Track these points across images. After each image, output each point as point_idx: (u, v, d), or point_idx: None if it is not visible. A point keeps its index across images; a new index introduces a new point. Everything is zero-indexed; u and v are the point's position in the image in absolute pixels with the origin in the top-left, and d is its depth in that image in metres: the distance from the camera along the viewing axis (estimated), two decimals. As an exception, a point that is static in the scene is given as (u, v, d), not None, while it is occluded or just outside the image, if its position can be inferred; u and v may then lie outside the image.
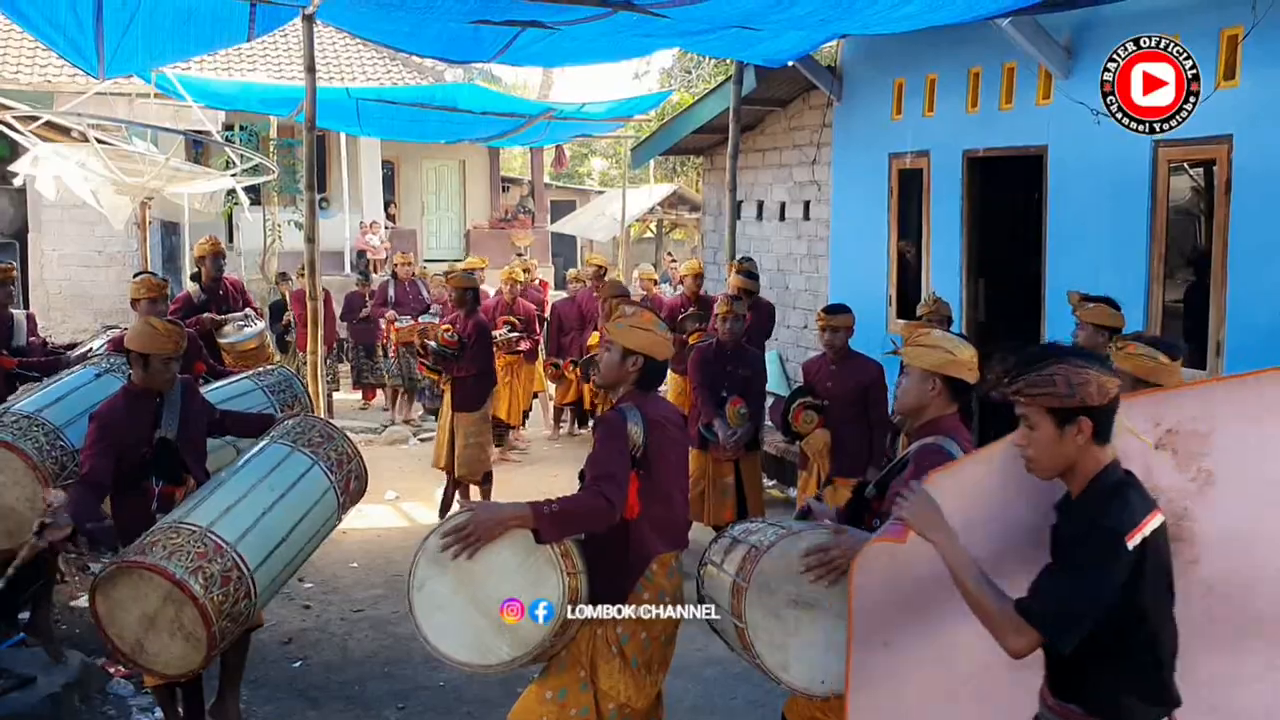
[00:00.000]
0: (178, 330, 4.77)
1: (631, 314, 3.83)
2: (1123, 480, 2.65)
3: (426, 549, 3.50)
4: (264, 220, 17.18)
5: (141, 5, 7.21)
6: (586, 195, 29.05)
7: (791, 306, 10.80)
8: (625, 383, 3.78)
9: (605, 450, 3.61)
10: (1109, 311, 5.56)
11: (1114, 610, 2.52)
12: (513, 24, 7.56)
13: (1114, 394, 2.66)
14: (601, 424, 3.73)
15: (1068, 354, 2.70)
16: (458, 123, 13.25)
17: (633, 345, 3.74)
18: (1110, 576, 2.49)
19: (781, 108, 10.85)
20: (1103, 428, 2.64)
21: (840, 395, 6.47)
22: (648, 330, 3.77)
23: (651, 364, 3.78)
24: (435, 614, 3.48)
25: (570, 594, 3.47)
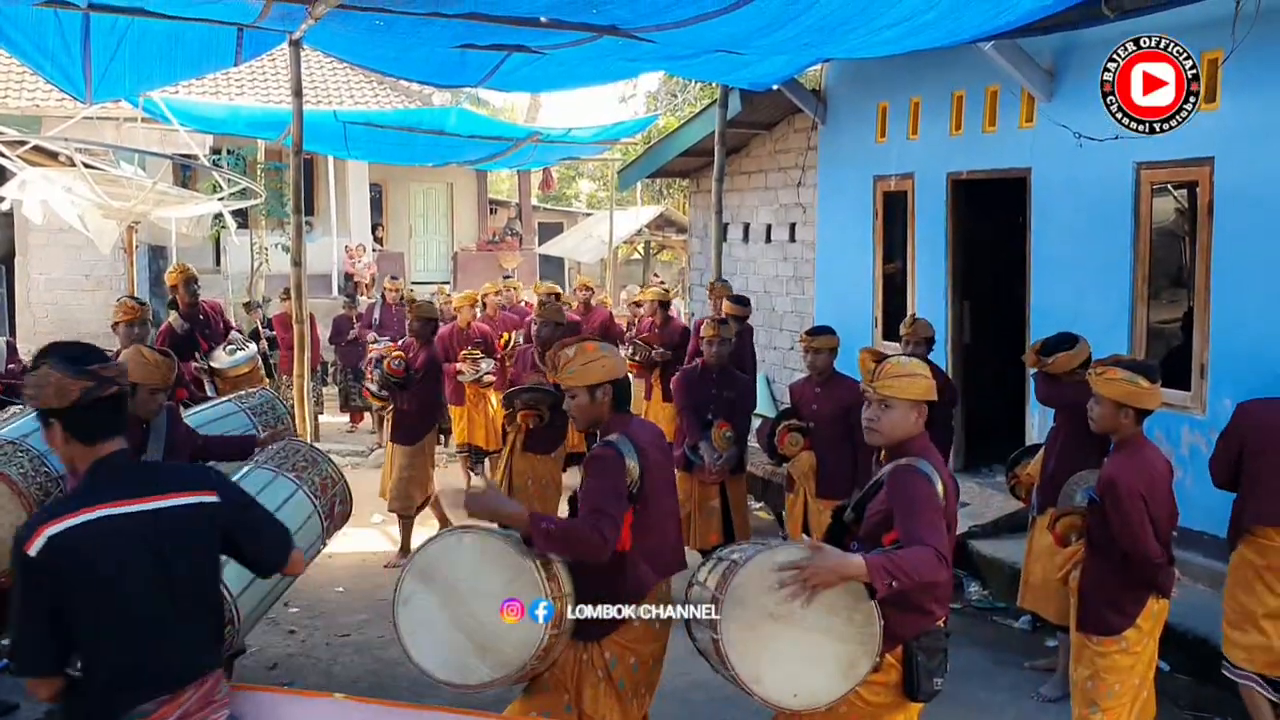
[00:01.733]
0: (167, 362, 4.78)
1: (574, 354, 3.78)
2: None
3: (414, 565, 3.52)
4: (251, 243, 17.17)
5: (129, 30, 7.24)
6: (574, 217, 29.11)
7: (778, 328, 10.85)
8: (604, 416, 3.78)
9: (600, 486, 3.59)
10: (1070, 354, 5.59)
11: None
12: (499, 48, 7.59)
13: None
14: (597, 461, 3.67)
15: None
16: (445, 146, 13.27)
17: (595, 379, 3.73)
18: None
19: (767, 131, 10.92)
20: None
21: (825, 417, 6.47)
22: (600, 358, 3.75)
23: (619, 385, 3.79)
24: (418, 630, 3.48)
25: (555, 619, 3.47)
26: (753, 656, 3.29)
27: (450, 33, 6.94)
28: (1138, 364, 4.40)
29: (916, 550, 3.19)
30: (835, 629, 3.25)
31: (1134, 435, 4.24)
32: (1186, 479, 6.41)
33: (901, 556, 3.17)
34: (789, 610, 3.23)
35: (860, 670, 3.26)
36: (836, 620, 3.24)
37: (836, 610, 3.24)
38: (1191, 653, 5.82)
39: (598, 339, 3.92)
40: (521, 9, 6.10)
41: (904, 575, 3.13)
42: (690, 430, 6.77)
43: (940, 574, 3.24)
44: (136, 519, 2.75)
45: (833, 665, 3.26)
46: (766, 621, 3.28)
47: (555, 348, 3.88)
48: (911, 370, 3.58)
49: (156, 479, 2.94)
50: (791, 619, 3.25)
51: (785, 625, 3.26)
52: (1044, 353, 5.71)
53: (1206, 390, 6.55)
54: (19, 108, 16.19)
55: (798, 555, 3.23)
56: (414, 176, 23.35)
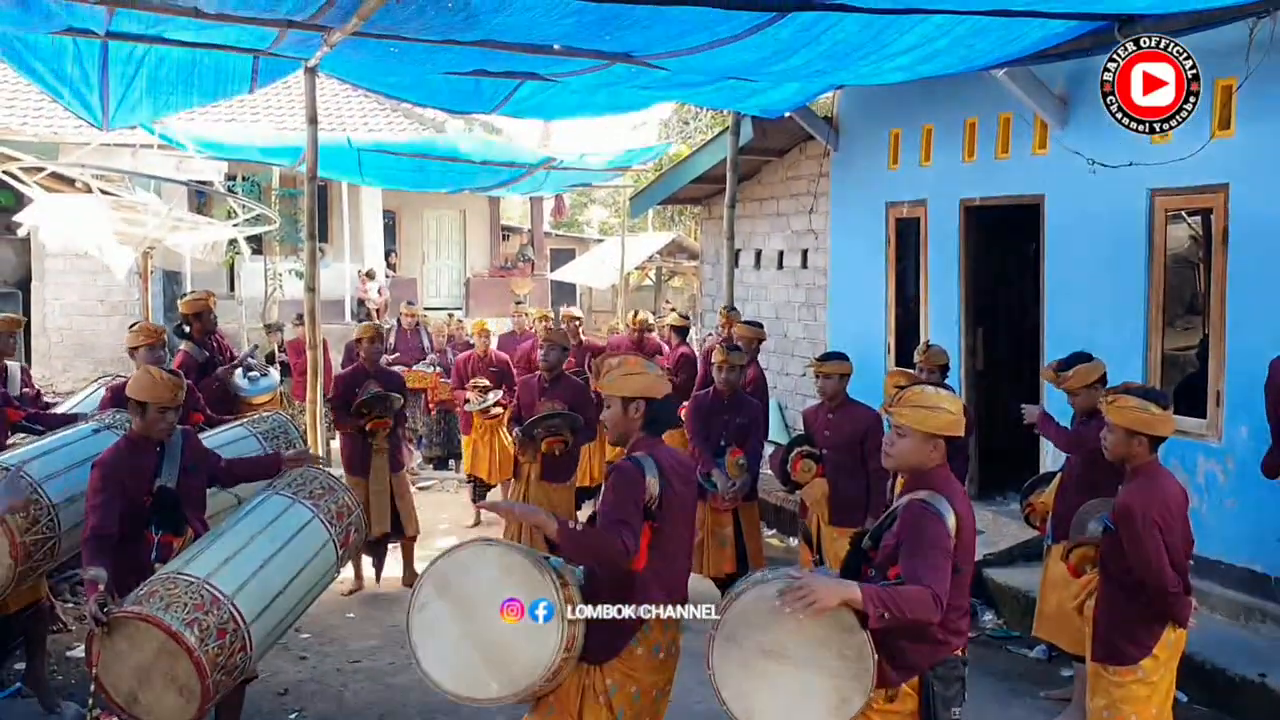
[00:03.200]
0: (175, 381, 4.77)
1: (618, 364, 3.85)
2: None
3: (433, 573, 3.56)
4: (265, 269, 17.25)
5: (146, 58, 7.29)
6: (586, 244, 29.18)
7: (790, 355, 10.83)
8: (634, 432, 3.79)
9: (619, 498, 3.61)
10: (1088, 367, 5.58)
11: None
12: (512, 75, 7.63)
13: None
14: (617, 472, 3.70)
15: None
16: (458, 172, 13.34)
17: (630, 392, 3.75)
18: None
19: (779, 157, 10.94)
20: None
21: (838, 443, 6.45)
22: (639, 374, 3.79)
23: (654, 405, 3.79)
24: (430, 639, 3.52)
25: (568, 640, 3.47)
26: (746, 693, 3.29)
27: (464, 60, 6.99)
28: (1149, 391, 4.38)
29: (914, 589, 3.20)
30: (827, 664, 3.23)
31: (1149, 463, 4.21)
32: (1202, 506, 6.38)
33: (898, 591, 3.19)
34: (781, 646, 3.23)
35: (853, 705, 3.24)
36: (828, 655, 3.23)
37: (828, 644, 3.22)
38: (1210, 684, 5.76)
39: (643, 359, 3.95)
40: (535, 36, 6.14)
41: (896, 609, 3.13)
42: (702, 458, 6.74)
43: (933, 615, 3.23)
44: None
45: (825, 701, 3.25)
46: (759, 658, 3.27)
47: (602, 357, 3.93)
48: (933, 402, 3.53)
49: None
50: (784, 655, 3.24)
51: (777, 662, 3.25)
52: (1061, 368, 5.70)
53: (1222, 418, 6.51)
54: (36, 135, 16.34)
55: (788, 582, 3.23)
56: (427, 203, 23.46)
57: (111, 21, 6.19)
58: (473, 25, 5.54)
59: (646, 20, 5.43)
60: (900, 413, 3.53)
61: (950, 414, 3.51)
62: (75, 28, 6.32)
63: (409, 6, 4.80)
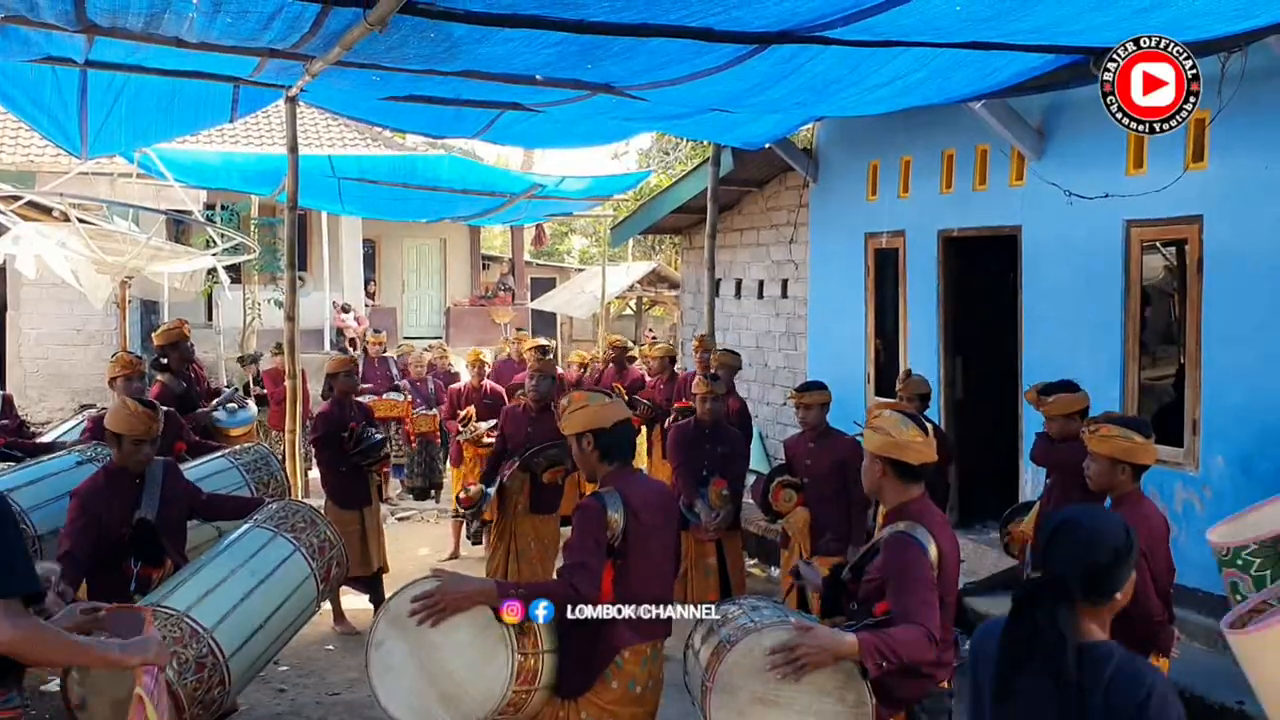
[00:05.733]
0: (150, 414, 4.73)
1: (565, 404, 3.88)
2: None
3: (389, 609, 3.58)
4: (244, 298, 17.18)
5: (126, 87, 7.26)
6: (566, 273, 29.22)
7: (770, 384, 10.85)
8: (597, 466, 3.81)
9: (580, 539, 3.62)
10: (1071, 398, 5.64)
11: None
12: (494, 105, 7.65)
13: None
14: (580, 511, 3.71)
15: None
16: (439, 201, 13.30)
17: (577, 428, 3.78)
18: None
19: (759, 188, 11.01)
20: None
21: (819, 473, 6.46)
22: (581, 408, 3.80)
23: (602, 435, 3.78)
24: (387, 674, 3.53)
25: (521, 673, 3.48)
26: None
27: (445, 89, 7.00)
28: (1130, 420, 4.42)
29: (908, 629, 3.19)
30: (826, 711, 3.20)
31: (1132, 492, 4.23)
32: (1180, 535, 6.39)
33: (893, 636, 3.16)
34: (778, 694, 3.20)
35: None
36: (827, 702, 3.21)
37: (827, 692, 3.20)
38: (1189, 711, 5.74)
39: (589, 390, 3.96)
40: (516, 66, 6.16)
41: (894, 655, 3.13)
42: (685, 488, 6.72)
43: (929, 654, 3.23)
44: None
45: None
46: (755, 707, 3.24)
47: (562, 400, 3.93)
48: (878, 424, 3.55)
49: None
50: (781, 703, 3.21)
51: (775, 710, 3.22)
52: (1044, 392, 5.75)
53: (1199, 447, 6.56)
54: (14, 163, 16.25)
55: (786, 637, 3.20)
56: (407, 232, 23.46)
57: (91, 50, 6.17)
58: (454, 55, 5.56)
59: (627, 51, 5.45)
60: (865, 436, 3.60)
61: (888, 436, 3.49)
62: (54, 56, 6.30)
63: (391, 36, 4.81)
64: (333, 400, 7.89)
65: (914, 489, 3.54)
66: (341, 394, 7.81)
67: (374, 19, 4.27)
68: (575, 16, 4.55)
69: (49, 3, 4.65)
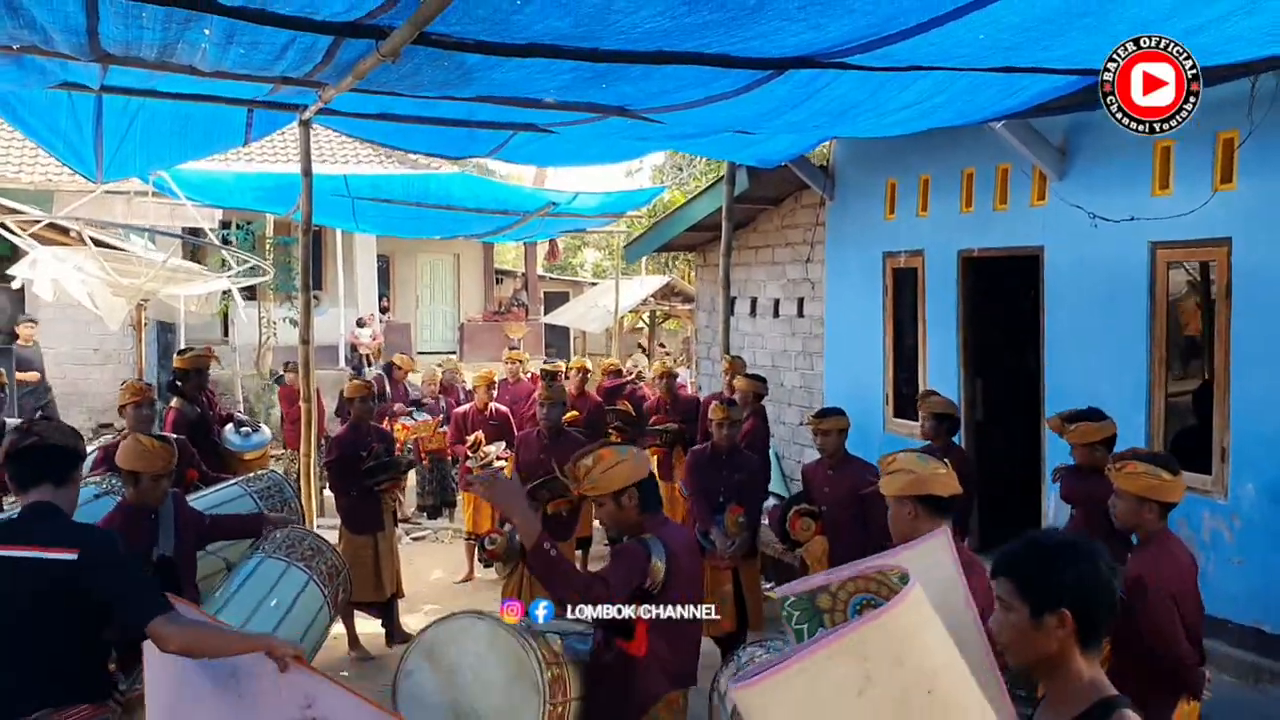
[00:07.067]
0: (166, 448, 4.71)
1: (593, 464, 3.76)
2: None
3: (424, 641, 3.57)
4: (259, 316, 17.18)
5: (140, 111, 7.25)
6: (580, 287, 29.18)
7: (786, 404, 10.75)
8: (633, 520, 3.73)
9: (616, 568, 3.58)
10: (1094, 426, 5.55)
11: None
12: (507, 126, 7.61)
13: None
14: (623, 553, 3.65)
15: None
16: (453, 219, 13.29)
17: (617, 486, 3.69)
18: None
19: (774, 206, 10.93)
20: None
21: (838, 500, 6.35)
22: (618, 464, 3.72)
23: (643, 486, 3.74)
24: (415, 706, 3.51)
25: (551, 715, 3.40)
26: None
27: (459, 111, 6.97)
28: (1157, 456, 4.31)
29: None
30: None
31: (1159, 530, 4.13)
32: (1208, 565, 6.28)
33: None
34: None
35: None
36: None
37: None
38: (1221, 747, 5.63)
39: (614, 445, 3.89)
40: (531, 90, 6.11)
41: None
42: (701, 515, 6.64)
43: None
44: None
45: None
46: None
47: (573, 460, 3.85)
48: (895, 466, 3.54)
49: (28, 531, 3.28)
50: None
51: None
52: (1069, 420, 5.65)
53: (1228, 474, 6.43)
54: (32, 183, 16.31)
55: None
56: (421, 248, 23.46)
57: (106, 77, 6.16)
58: (469, 81, 5.51)
59: (642, 76, 5.39)
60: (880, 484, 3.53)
61: (907, 473, 3.49)
62: (70, 82, 6.30)
63: (404, 65, 4.76)
64: (349, 425, 7.84)
65: (943, 527, 3.47)
66: (358, 418, 7.75)
67: (386, 50, 4.22)
68: (590, 46, 4.49)
69: (63, 36, 4.62)
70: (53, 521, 3.35)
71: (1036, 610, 2.22)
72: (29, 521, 3.35)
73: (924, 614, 2.15)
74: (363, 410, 7.75)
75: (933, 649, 2.14)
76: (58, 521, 3.37)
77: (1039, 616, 2.21)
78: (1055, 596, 2.20)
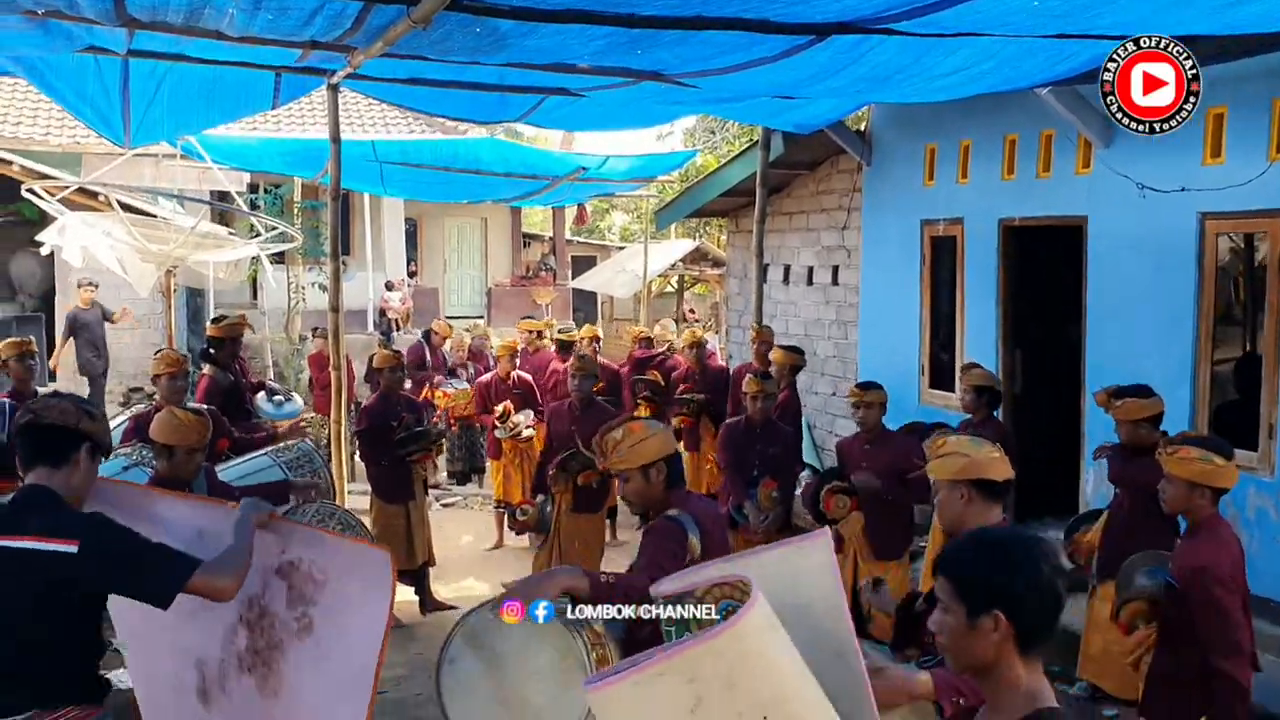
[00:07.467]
0: (200, 421, 4.68)
1: (622, 437, 3.72)
2: None
3: (466, 626, 3.46)
4: (288, 281, 17.18)
5: (168, 76, 7.18)
6: (607, 251, 29.03)
7: (819, 373, 10.60)
8: (660, 496, 3.70)
9: (659, 549, 3.55)
10: (1141, 403, 5.42)
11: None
12: (538, 91, 7.49)
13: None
14: (658, 533, 3.62)
15: None
16: (481, 184, 13.18)
17: (646, 460, 3.66)
18: None
19: (809, 171, 10.73)
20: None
21: (876, 474, 6.26)
22: (646, 438, 3.69)
23: (670, 461, 3.72)
24: (459, 693, 3.42)
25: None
26: None
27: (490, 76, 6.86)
28: (1209, 441, 4.20)
29: None
30: None
31: (1210, 516, 4.01)
32: (1254, 544, 6.14)
33: None
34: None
35: None
36: None
37: None
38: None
39: (642, 419, 3.82)
40: (564, 56, 5.98)
41: (972, 693, 2.95)
42: (734, 489, 6.57)
43: None
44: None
45: None
46: None
47: (600, 433, 3.78)
48: (947, 449, 3.46)
49: (25, 521, 3.05)
50: None
51: None
52: (1115, 396, 5.52)
53: (1275, 451, 6.28)
54: (60, 145, 16.32)
55: None
56: (449, 211, 23.36)
57: (132, 41, 6.08)
58: (501, 47, 5.39)
59: (679, 41, 5.26)
60: (929, 468, 3.43)
61: (964, 457, 3.38)
62: (96, 46, 6.22)
63: (436, 31, 4.64)
64: (378, 394, 7.79)
65: (996, 512, 3.39)
66: (387, 388, 7.71)
67: (418, 16, 4.11)
68: (626, 11, 4.36)
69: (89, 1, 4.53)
70: (48, 509, 3.09)
71: (972, 612, 2.10)
72: (21, 509, 3.10)
73: (762, 638, 2.07)
74: (392, 380, 7.71)
75: (771, 674, 2.06)
76: (53, 509, 3.10)
77: (974, 618, 2.10)
78: (989, 598, 2.08)
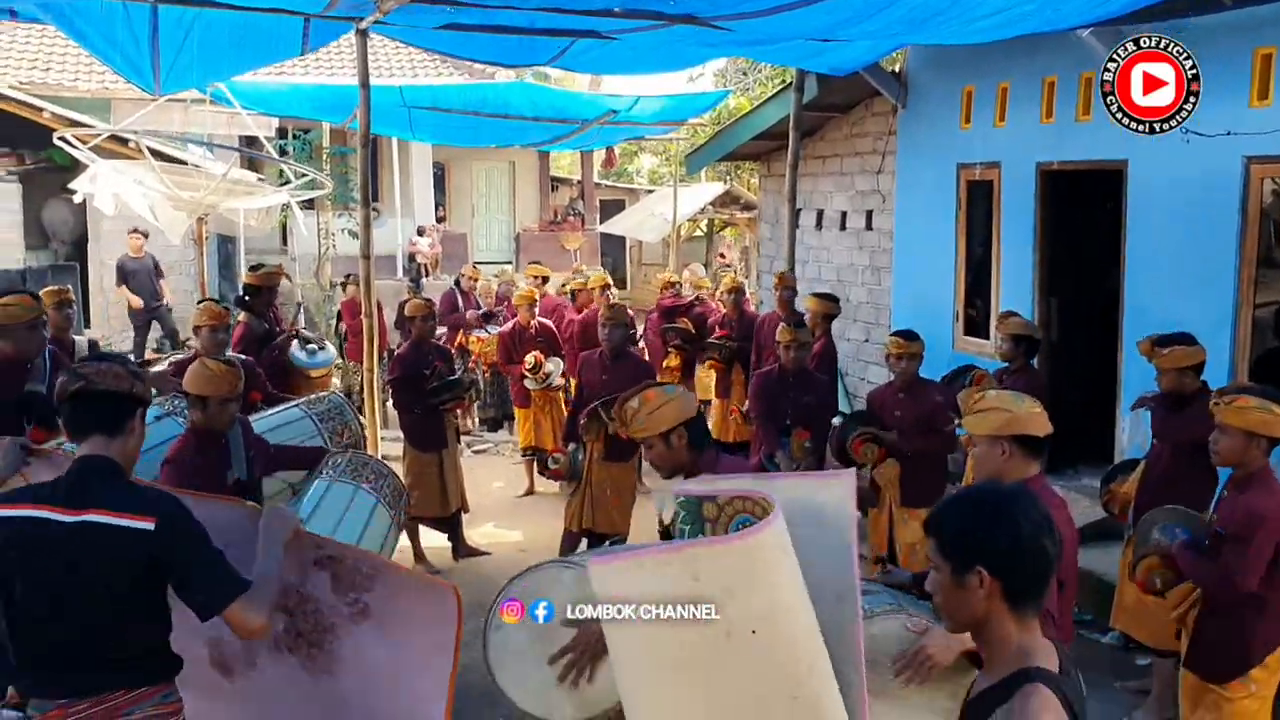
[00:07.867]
0: (233, 371, 4.69)
1: (638, 406, 3.71)
2: None
3: (509, 592, 3.48)
4: (318, 227, 17.20)
5: (197, 22, 7.15)
6: (636, 194, 28.77)
7: (852, 319, 10.52)
8: (685, 459, 3.69)
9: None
10: (1186, 351, 5.33)
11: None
12: (568, 34, 7.39)
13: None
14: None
15: None
16: (510, 128, 13.08)
17: (665, 426, 3.65)
18: None
19: (843, 114, 10.57)
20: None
21: (909, 424, 6.23)
22: (665, 403, 3.67)
23: (691, 425, 3.70)
24: (507, 657, 3.47)
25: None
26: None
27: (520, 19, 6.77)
28: (1266, 390, 4.11)
29: None
30: (938, 705, 3.03)
31: (1264, 467, 3.96)
32: (1294, 493, 6.08)
33: None
34: (888, 688, 3.02)
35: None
36: (939, 695, 3.03)
37: (940, 687, 3.03)
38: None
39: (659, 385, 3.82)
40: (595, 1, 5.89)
41: None
42: (767, 438, 6.54)
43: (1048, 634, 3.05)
44: (56, 528, 2.86)
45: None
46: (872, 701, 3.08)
47: (618, 403, 3.77)
48: (986, 405, 3.42)
49: (86, 493, 2.92)
50: (890, 695, 3.04)
51: (887, 703, 3.05)
52: (1159, 344, 5.45)
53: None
54: (90, 90, 16.33)
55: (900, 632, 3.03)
56: (476, 156, 23.25)
57: (161, -13, 6.05)
58: (532, -10, 5.32)
59: (714, -18, 5.17)
60: (965, 422, 3.41)
61: (1006, 412, 3.35)
62: (124, -8, 6.20)
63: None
64: (410, 343, 7.81)
65: (1034, 467, 3.36)
66: (419, 337, 7.72)
67: (451, -39, 4.03)
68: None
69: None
70: (114, 482, 2.97)
71: (956, 570, 2.12)
72: (85, 480, 2.95)
73: (771, 555, 2.10)
74: (424, 328, 7.72)
75: (771, 592, 2.08)
76: (120, 482, 2.99)
77: (959, 576, 2.12)
78: (971, 554, 2.11)
